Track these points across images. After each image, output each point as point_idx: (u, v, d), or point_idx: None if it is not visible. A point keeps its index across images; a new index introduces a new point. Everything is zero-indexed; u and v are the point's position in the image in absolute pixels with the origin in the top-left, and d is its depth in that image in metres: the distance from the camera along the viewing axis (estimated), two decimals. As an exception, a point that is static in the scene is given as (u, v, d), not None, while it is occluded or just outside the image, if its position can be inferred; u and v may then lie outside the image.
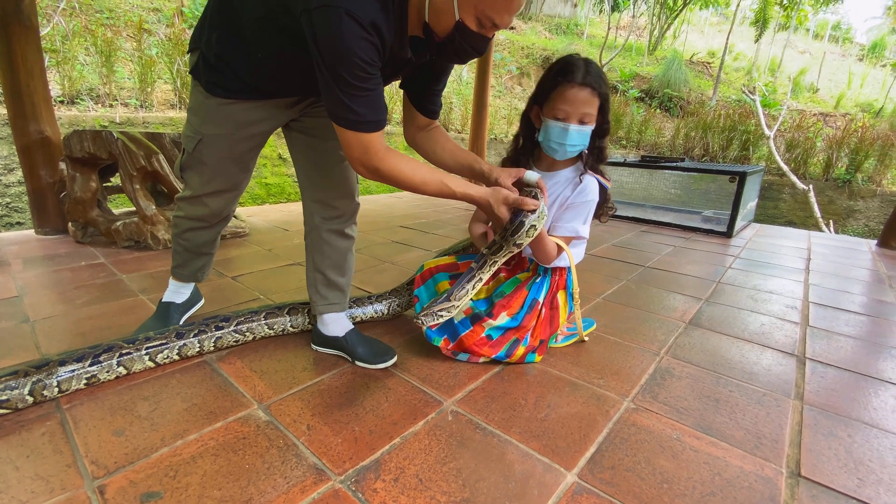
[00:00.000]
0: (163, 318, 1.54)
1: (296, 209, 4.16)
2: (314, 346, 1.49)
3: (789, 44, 18.91)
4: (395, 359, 1.40)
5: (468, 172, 1.34)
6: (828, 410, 1.26)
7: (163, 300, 1.59)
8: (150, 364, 1.32)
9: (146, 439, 1.04)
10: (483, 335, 1.37)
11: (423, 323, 1.19)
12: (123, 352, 1.27)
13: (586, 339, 1.60)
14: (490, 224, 1.40)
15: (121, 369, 1.27)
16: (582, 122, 1.25)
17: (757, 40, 16.64)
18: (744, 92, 11.77)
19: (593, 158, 1.36)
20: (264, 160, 6.23)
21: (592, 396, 1.27)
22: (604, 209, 1.41)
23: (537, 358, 1.42)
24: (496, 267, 1.30)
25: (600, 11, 18.24)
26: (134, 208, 2.76)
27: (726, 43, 14.70)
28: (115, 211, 2.95)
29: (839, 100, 15.09)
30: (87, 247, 2.65)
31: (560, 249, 1.35)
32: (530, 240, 1.23)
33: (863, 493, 0.96)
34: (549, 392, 1.28)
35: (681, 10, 16.27)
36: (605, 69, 13.36)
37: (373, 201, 4.88)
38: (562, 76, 1.24)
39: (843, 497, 0.95)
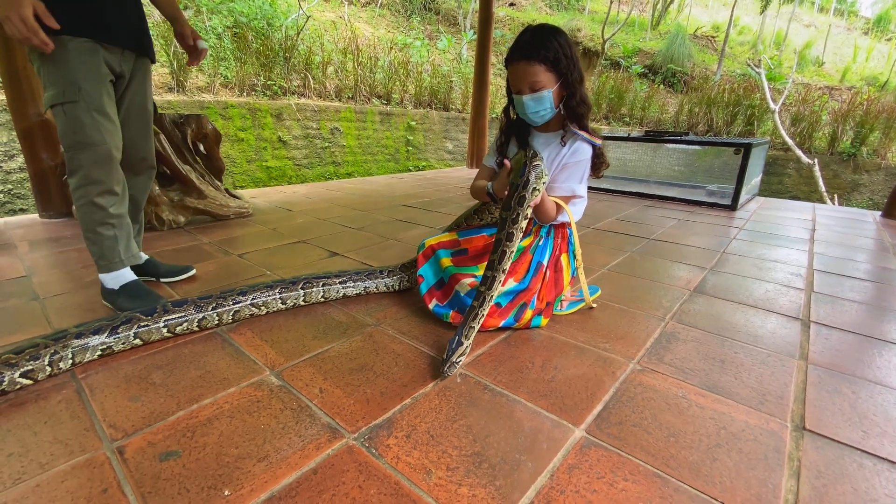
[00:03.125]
0: (144, 294, 1.54)
1: (298, 190, 4.15)
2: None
3: (795, 17, 18.48)
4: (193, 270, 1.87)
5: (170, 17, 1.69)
6: (832, 370, 1.27)
7: (128, 282, 1.57)
8: (168, 334, 1.35)
9: (162, 404, 1.06)
10: (492, 303, 1.38)
11: (447, 375, 1.16)
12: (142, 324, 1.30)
13: (594, 305, 1.61)
14: (491, 184, 1.43)
15: (137, 341, 1.29)
16: (533, 90, 1.29)
17: (762, 12, 16.26)
18: (749, 66, 11.56)
19: (573, 118, 1.36)
20: (264, 143, 6.20)
21: (598, 359, 1.28)
22: (598, 165, 1.42)
23: (543, 321, 1.43)
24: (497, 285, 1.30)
25: (602, -14, 17.77)
26: (136, 190, 2.76)
27: (731, 16, 14.38)
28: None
29: (844, 73, 14.82)
30: (92, 229, 2.65)
31: (559, 208, 1.36)
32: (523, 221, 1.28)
33: (867, 444, 0.98)
34: (555, 356, 1.30)
35: (684, -17, 15.85)
36: (607, 45, 13.13)
37: (373, 182, 4.86)
38: (507, 57, 1.33)
39: (848, 448, 0.96)
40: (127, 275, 1.56)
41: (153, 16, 6.41)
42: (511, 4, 15.65)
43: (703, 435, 0.98)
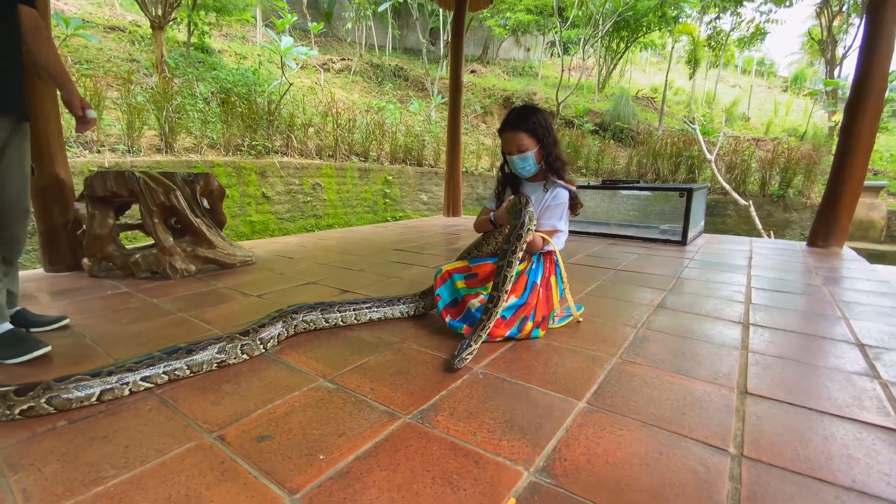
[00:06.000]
0: (20, 340, 1.61)
1: (290, 241, 4.39)
2: None
3: (721, 79, 21.02)
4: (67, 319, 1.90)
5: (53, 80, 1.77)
6: (766, 355, 1.63)
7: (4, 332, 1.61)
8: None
9: (241, 406, 1.27)
10: (498, 316, 1.68)
11: (457, 367, 1.47)
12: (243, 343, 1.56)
13: (580, 319, 1.94)
14: (492, 214, 1.80)
15: (244, 356, 1.57)
16: (520, 151, 1.73)
17: (691, 77, 18.47)
18: (685, 122, 13.00)
19: (552, 171, 1.79)
20: (248, 199, 6.44)
21: (589, 357, 1.59)
22: (574, 205, 1.82)
23: (541, 333, 1.74)
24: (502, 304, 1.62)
25: (552, 55, 19.81)
26: (149, 242, 2.96)
27: (666, 80, 16.26)
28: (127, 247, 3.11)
29: (768, 126, 16.82)
30: (104, 280, 2.80)
31: (545, 240, 1.74)
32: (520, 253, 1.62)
33: (791, 398, 1.31)
34: (554, 356, 1.60)
35: (623, 53, 17.93)
36: (560, 107, 14.48)
37: (359, 231, 5.17)
38: (499, 129, 1.78)
39: (777, 402, 1.29)
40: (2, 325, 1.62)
41: (138, 70, 6.76)
42: (472, 72, 17.10)
43: (673, 400, 1.29)
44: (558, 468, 1.00)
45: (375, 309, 1.93)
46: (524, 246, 1.63)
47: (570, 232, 1.91)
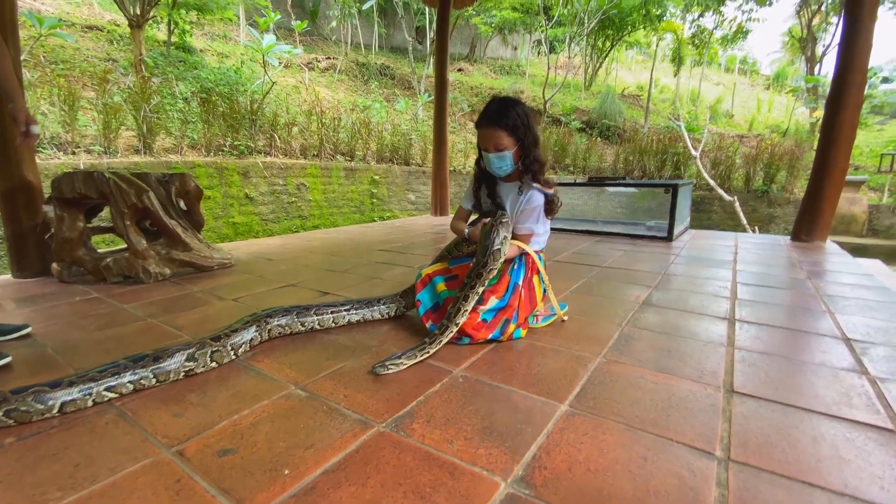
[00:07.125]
0: None
1: (272, 242, 4.30)
2: None
3: (705, 77, 21.24)
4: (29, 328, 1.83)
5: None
6: (752, 351, 1.60)
7: None
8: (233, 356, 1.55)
9: (205, 417, 1.20)
10: (479, 319, 1.63)
11: (377, 372, 1.39)
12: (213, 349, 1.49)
13: (565, 318, 1.89)
14: (468, 231, 1.74)
15: (213, 363, 1.48)
16: (497, 150, 1.62)
17: (675, 75, 18.62)
18: (671, 119, 13.09)
19: (527, 171, 1.69)
20: (231, 200, 6.31)
21: (572, 357, 1.54)
22: (550, 209, 1.74)
23: (523, 333, 1.69)
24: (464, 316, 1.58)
25: (538, 53, 19.85)
26: (122, 246, 2.85)
27: (651, 78, 16.37)
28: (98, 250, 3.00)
29: (751, 123, 17.04)
30: (74, 285, 2.69)
31: (520, 248, 1.69)
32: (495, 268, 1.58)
33: (777, 396, 1.28)
34: (537, 357, 1.54)
35: (609, 51, 18.02)
36: (547, 104, 14.49)
37: (345, 231, 5.08)
38: (477, 121, 1.67)
39: (764, 401, 1.26)
40: None
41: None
42: (459, 70, 17.05)
43: (658, 401, 1.25)
44: (538, 478, 0.94)
45: (354, 311, 1.86)
46: (485, 283, 1.59)
47: (557, 230, 1.87)
